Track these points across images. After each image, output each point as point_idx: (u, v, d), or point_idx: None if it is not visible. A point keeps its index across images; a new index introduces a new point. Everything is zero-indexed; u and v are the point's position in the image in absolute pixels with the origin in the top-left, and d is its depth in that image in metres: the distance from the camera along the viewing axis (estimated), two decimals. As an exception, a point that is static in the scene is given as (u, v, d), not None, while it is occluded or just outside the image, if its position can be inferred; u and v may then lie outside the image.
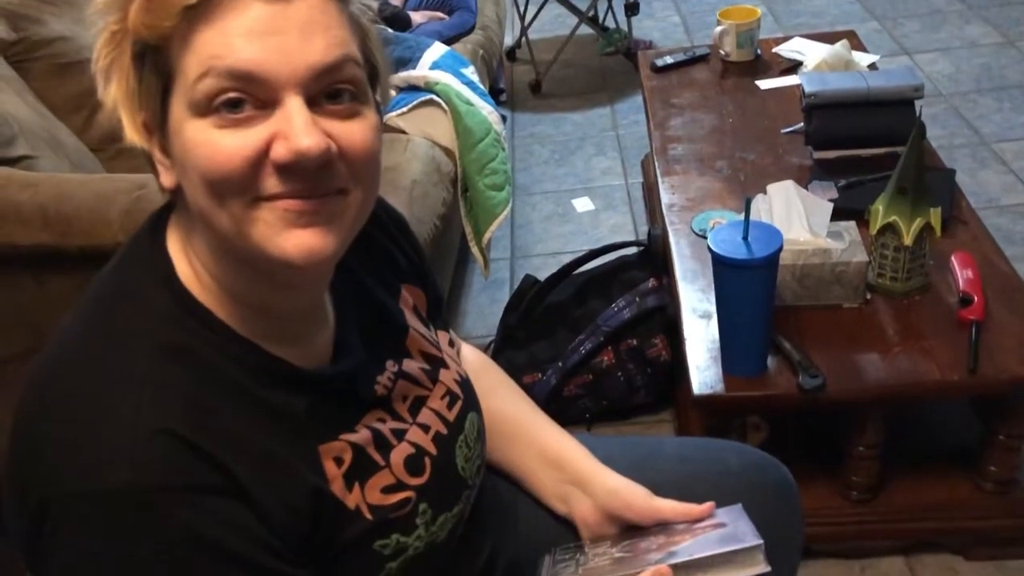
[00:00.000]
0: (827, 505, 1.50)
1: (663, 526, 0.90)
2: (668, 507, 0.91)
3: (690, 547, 0.82)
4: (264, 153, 0.62)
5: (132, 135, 0.66)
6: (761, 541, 0.80)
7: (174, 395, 0.64)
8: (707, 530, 0.87)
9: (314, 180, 0.63)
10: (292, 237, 0.63)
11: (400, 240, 0.89)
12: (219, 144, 0.62)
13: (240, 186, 0.62)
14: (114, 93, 0.65)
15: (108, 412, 0.63)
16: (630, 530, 0.93)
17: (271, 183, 0.63)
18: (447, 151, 1.97)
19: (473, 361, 1.02)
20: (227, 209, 0.63)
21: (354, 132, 0.65)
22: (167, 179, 0.67)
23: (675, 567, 0.79)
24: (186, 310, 0.67)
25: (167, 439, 0.62)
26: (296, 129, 0.61)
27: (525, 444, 0.98)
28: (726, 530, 0.86)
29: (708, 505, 0.89)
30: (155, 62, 0.63)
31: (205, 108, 0.62)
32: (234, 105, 0.61)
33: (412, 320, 0.85)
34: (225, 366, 0.67)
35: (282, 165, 0.62)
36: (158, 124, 0.65)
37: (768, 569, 0.79)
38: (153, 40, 0.62)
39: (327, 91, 0.64)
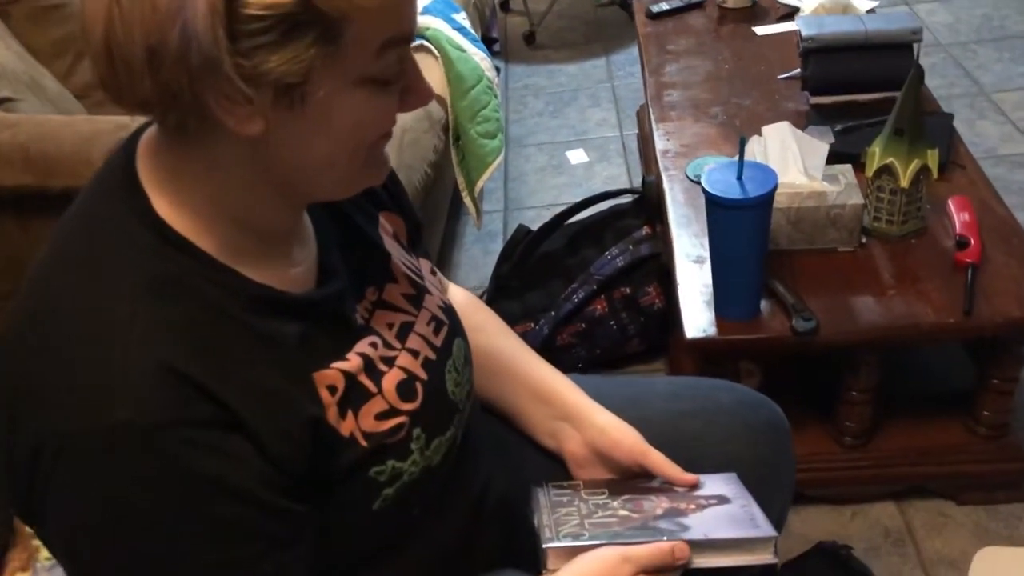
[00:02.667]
0: (819, 450, 1.50)
1: (661, 486, 0.90)
2: (656, 458, 0.91)
3: (702, 524, 0.82)
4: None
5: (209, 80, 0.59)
6: (776, 535, 0.81)
7: (165, 328, 0.62)
8: (712, 503, 0.87)
9: None
10: (380, 170, 0.71)
11: None
12: (381, 110, 0.65)
13: (385, 132, 0.68)
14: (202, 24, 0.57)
15: (98, 350, 0.61)
16: (623, 479, 0.92)
17: (391, 125, 0.69)
18: (438, 98, 1.94)
19: (461, 300, 1.00)
20: (360, 156, 0.67)
21: None
22: (251, 126, 0.61)
23: (690, 544, 0.79)
24: (167, 242, 0.65)
25: (161, 373, 0.60)
26: (422, 80, 0.67)
27: (514, 380, 0.97)
28: (735, 509, 0.85)
29: (694, 478, 0.90)
30: (325, 32, 0.59)
31: (370, 81, 0.63)
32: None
33: (393, 247, 0.84)
34: (214, 295, 0.65)
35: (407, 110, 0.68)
36: (274, 82, 0.60)
37: (776, 561, 0.79)
38: (334, 13, 0.59)
39: None
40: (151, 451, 0.60)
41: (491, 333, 0.99)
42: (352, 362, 0.72)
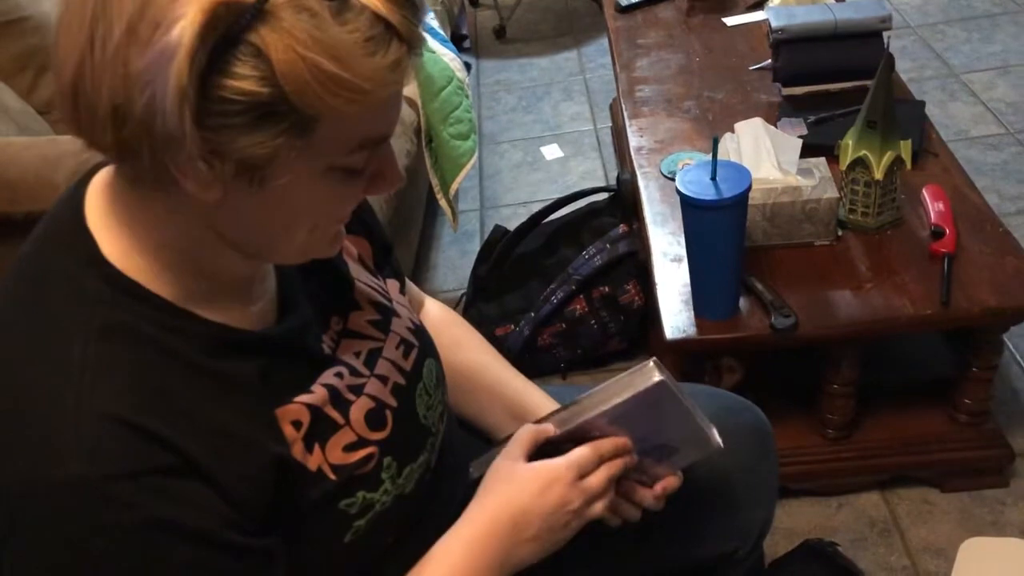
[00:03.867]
0: (803, 443, 1.50)
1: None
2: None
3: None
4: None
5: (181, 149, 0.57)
6: (653, 359, 0.82)
7: (116, 378, 0.61)
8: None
9: None
10: (335, 244, 0.70)
11: None
12: (343, 196, 0.65)
13: (345, 218, 0.68)
14: (173, 83, 0.55)
15: (49, 402, 0.60)
16: None
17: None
18: (409, 101, 1.92)
19: (437, 316, 0.99)
20: (316, 233, 0.66)
21: None
22: (209, 193, 0.59)
23: (570, 406, 0.83)
24: (118, 288, 0.63)
25: (113, 424, 0.59)
26: (394, 167, 0.66)
27: (490, 397, 0.96)
28: None
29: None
30: (296, 124, 0.57)
31: (338, 170, 0.62)
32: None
33: (358, 271, 0.83)
34: (167, 340, 0.64)
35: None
36: (236, 160, 0.58)
37: (659, 377, 0.80)
38: (309, 111, 0.57)
39: None
40: (107, 502, 0.58)
41: (468, 349, 0.98)
42: (317, 394, 0.71)
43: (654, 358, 0.81)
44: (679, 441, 0.85)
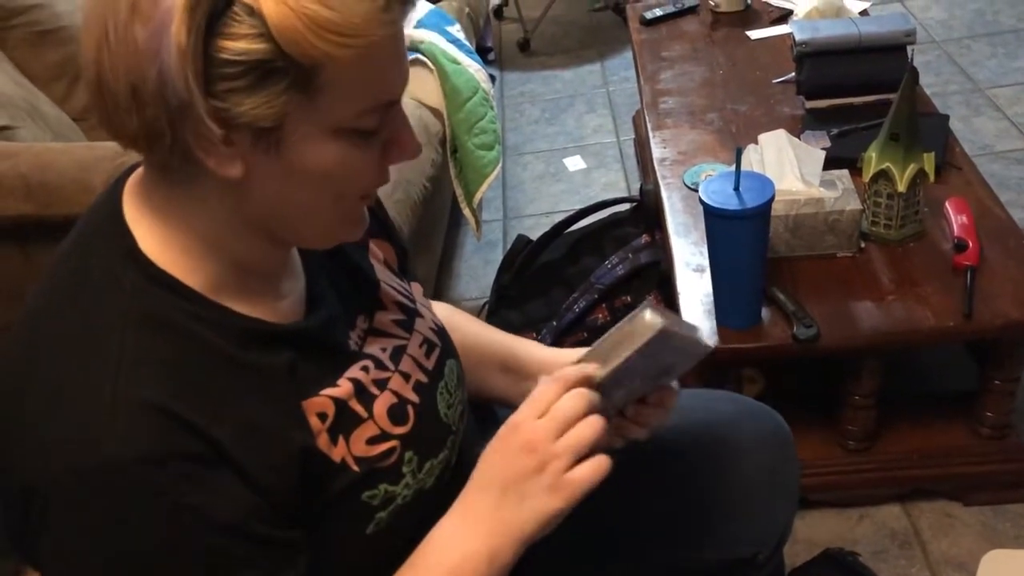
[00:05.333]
0: (824, 455, 1.50)
1: None
2: None
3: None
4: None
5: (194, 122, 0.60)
6: (648, 305, 0.74)
7: (152, 366, 0.63)
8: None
9: None
10: (359, 226, 0.72)
11: None
12: (359, 162, 0.66)
13: (364, 189, 0.69)
14: (177, 62, 0.58)
15: (86, 389, 0.62)
16: None
17: (376, 181, 0.69)
18: (434, 111, 1.94)
19: (440, 312, 1.01)
20: (339, 207, 0.68)
21: None
22: (233, 168, 0.62)
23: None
24: (154, 281, 0.66)
25: (148, 411, 0.61)
26: (409, 135, 0.68)
27: (482, 362, 0.97)
28: None
29: None
30: (298, 79, 0.60)
31: (348, 132, 0.63)
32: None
33: (383, 274, 0.84)
34: (201, 331, 0.66)
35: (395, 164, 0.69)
36: (248, 126, 0.60)
37: (660, 323, 0.71)
38: (307, 62, 0.59)
39: None
40: (138, 486, 0.60)
41: (462, 330, 0.97)
42: (342, 388, 0.72)
43: (648, 303, 0.76)
44: (674, 361, 0.83)
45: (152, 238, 0.67)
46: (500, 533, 0.70)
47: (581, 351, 0.78)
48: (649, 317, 0.72)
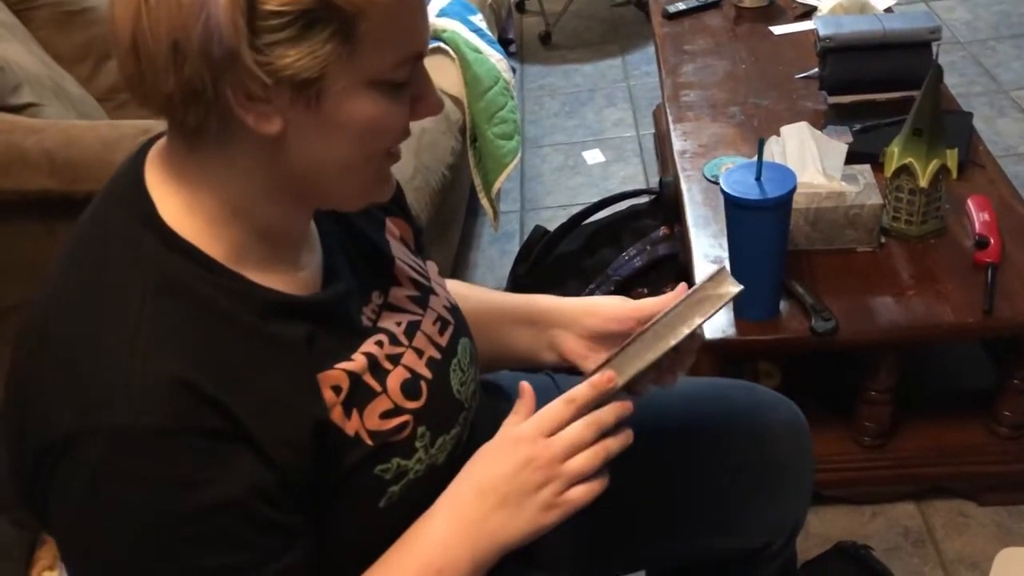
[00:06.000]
0: (838, 451, 1.50)
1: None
2: (648, 303, 0.89)
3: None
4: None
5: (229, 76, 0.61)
6: (723, 266, 0.77)
7: (173, 336, 0.63)
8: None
9: None
10: (388, 184, 0.73)
11: None
12: (393, 115, 0.66)
13: (395, 144, 0.70)
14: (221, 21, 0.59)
15: (105, 354, 0.62)
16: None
17: (402, 137, 0.70)
18: (455, 99, 1.95)
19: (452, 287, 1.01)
20: (372, 163, 0.69)
21: None
22: (269, 125, 0.63)
23: (643, 334, 0.76)
24: (174, 249, 0.66)
25: (167, 381, 0.61)
26: (432, 90, 0.69)
27: (497, 323, 0.97)
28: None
29: (681, 286, 0.86)
30: (341, 29, 0.61)
31: (382, 85, 0.65)
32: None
33: (399, 250, 0.85)
34: (220, 300, 0.66)
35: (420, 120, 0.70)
36: (290, 78, 0.61)
37: (739, 287, 0.77)
38: (349, 9, 0.60)
39: None
40: (146, 455, 0.60)
41: (469, 298, 0.97)
42: (357, 362, 0.73)
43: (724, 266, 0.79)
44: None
45: (175, 207, 0.67)
46: (488, 539, 0.72)
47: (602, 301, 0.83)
48: (726, 275, 0.75)
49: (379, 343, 0.76)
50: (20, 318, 0.68)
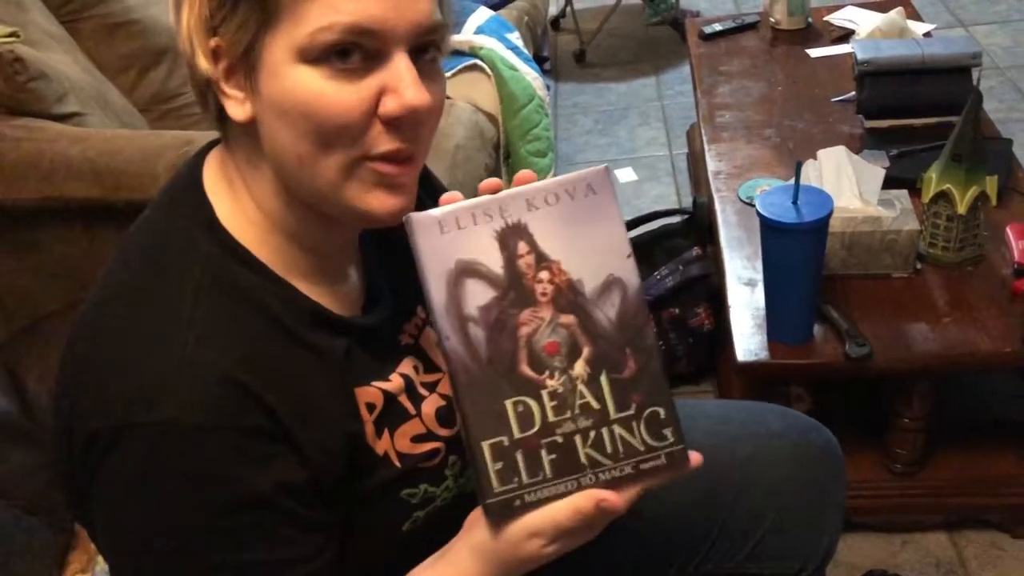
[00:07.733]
0: (870, 477, 1.48)
1: None
2: None
3: None
4: (374, 107, 0.64)
5: (200, 61, 0.65)
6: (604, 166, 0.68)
7: (223, 334, 0.64)
8: None
9: (411, 137, 0.65)
10: (380, 198, 0.66)
11: (424, 186, 0.89)
12: (334, 96, 0.63)
13: (351, 139, 0.64)
14: (186, 17, 0.64)
15: (157, 348, 0.63)
16: None
17: (380, 139, 0.65)
18: (490, 116, 1.96)
19: None
20: (331, 159, 0.64)
21: (436, 92, 0.67)
22: (240, 111, 0.65)
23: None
24: (229, 252, 0.67)
25: (216, 378, 0.62)
26: (407, 84, 0.63)
27: None
28: None
29: None
30: None
31: (315, 57, 0.62)
32: (343, 54, 0.62)
33: None
34: (271, 305, 0.67)
35: (391, 119, 0.64)
36: (239, 55, 0.64)
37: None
38: None
39: (419, 47, 0.65)
40: (191, 450, 0.61)
41: None
42: (393, 383, 0.73)
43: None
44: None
45: (226, 210, 0.69)
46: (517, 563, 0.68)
47: None
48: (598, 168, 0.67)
49: (416, 368, 0.76)
50: (65, 321, 0.69)
